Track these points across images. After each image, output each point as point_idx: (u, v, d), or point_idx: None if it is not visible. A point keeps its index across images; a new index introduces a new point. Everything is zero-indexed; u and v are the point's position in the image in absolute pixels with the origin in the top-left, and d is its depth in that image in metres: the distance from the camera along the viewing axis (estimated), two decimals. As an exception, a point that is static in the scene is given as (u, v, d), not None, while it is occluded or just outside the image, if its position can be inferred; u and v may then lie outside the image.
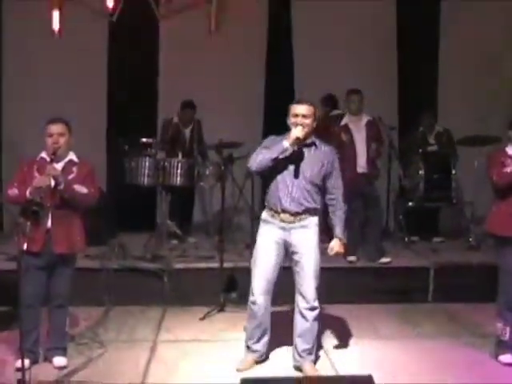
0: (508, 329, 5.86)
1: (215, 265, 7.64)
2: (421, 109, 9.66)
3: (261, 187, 7.83)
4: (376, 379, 4.31)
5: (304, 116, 5.57)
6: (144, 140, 8.26)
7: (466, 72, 10.04)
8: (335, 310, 7.36)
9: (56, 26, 8.72)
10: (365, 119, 8.29)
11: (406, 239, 9.05)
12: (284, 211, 5.62)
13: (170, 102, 9.58)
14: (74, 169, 5.64)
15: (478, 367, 5.88)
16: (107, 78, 9.87)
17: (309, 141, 5.66)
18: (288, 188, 5.58)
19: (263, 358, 5.94)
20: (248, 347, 5.92)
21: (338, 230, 5.80)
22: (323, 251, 5.82)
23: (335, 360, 6.02)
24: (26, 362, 5.01)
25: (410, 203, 9.18)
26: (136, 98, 9.63)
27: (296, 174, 5.59)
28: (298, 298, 5.73)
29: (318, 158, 5.65)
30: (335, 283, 7.73)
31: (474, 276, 7.82)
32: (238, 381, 4.22)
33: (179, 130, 9.24)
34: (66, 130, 5.60)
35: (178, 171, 8.15)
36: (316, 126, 5.70)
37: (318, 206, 5.72)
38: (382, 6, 10.24)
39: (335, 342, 6.52)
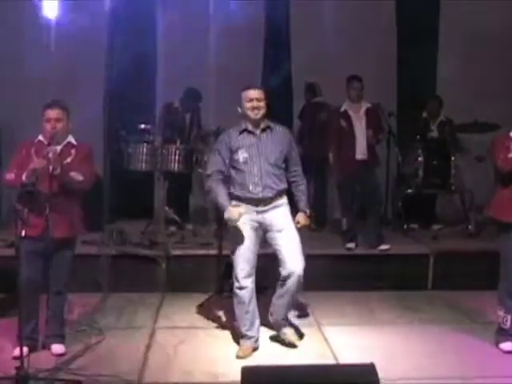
0: (509, 317, 5.82)
1: (213, 251, 7.60)
2: (420, 95, 9.63)
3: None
4: (377, 367, 4.28)
5: (258, 99, 5.78)
6: (142, 126, 8.21)
7: (465, 58, 9.97)
8: (334, 297, 7.39)
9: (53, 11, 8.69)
10: (364, 106, 8.26)
11: (405, 226, 9.03)
12: (257, 199, 5.77)
13: (168, 88, 9.52)
14: (73, 151, 5.62)
15: (478, 354, 5.85)
16: (105, 63, 9.78)
17: (263, 125, 5.86)
18: (256, 176, 5.75)
19: (258, 345, 5.96)
20: (243, 335, 5.93)
21: (302, 203, 5.96)
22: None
23: (335, 348, 5.99)
24: (25, 349, 4.98)
25: (409, 190, 9.16)
26: (134, 84, 9.56)
27: (261, 161, 5.76)
28: (283, 271, 5.77)
29: (276, 140, 5.85)
30: (334, 270, 7.77)
31: (473, 263, 7.80)
32: (237, 366, 4.20)
33: (180, 115, 9.18)
34: (63, 114, 5.56)
35: (176, 157, 8.14)
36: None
37: (286, 186, 5.92)
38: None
39: (335, 329, 6.50)
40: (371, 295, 7.53)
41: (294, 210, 5.96)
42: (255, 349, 5.91)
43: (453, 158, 8.96)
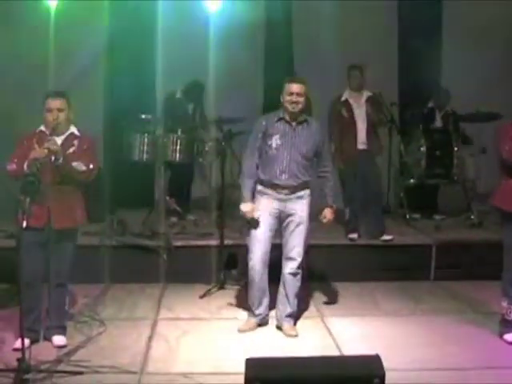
0: (513, 308, 5.80)
1: (215, 242, 7.60)
2: (422, 85, 9.59)
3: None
4: (381, 357, 4.26)
5: (298, 94, 5.94)
6: (143, 116, 8.17)
7: (468, 48, 9.91)
8: (337, 287, 7.38)
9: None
10: (365, 95, 8.24)
11: (407, 216, 8.99)
12: (282, 186, 5.98)
13: (168, 78, 9.47)
14: (75, 142, 5.58)
15: (482, 345, 5.83)
16: (105, 52, 9.76)
17: (302, 118, 6.04)
18: (284, 163, 5.95)
19: (265, 321, 6.23)
20: (251, 312, 6.19)
21: (330, 199, 6.18)
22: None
23: (339, 339, 5.96)
24: (26, 341, 4.97)
25: (411, 180, 9.13)
26: (134, 74, 9.51)
27: (292, 150, 5.95)
28: (285, 263, 6.07)
29: (310, 134, 6.03)
30: (337, 261, 7.75)
31: (476, 253, 7.80)
32: (241, 358, 4.16)
33: (182, 106, 9.13)
34: (65, 104, 5.51)
35: (177, 147, 8.11)
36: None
37: (311, 179, 6.15)
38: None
39: (338, 320, 6.48)
40: (374, 286, 7.51)
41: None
42: (262, 324, 6.19)
43: (455, 149, 8.92)
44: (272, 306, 6.25)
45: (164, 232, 7.96)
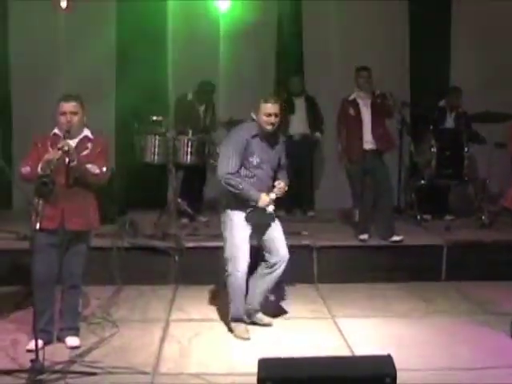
0: (525, 308, 5.80)
1: (226, 243, 7.59)
2: (433, 85, 9.60)
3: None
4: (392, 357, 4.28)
5: (275, 114, 5.97)
6: (154, 118, 8.19)
7: (478, 47, 9.93)
8: (348, 289, 7.38)
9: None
10: (374, 94, 8.23)
11: (418, 217, 8.99)
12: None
13: (179, 80, 9.52)
14: (89, 145, 5.62)
15: (493, 345, 5.82)
16: (116, 55, 9.81)
17: (274, 135, 6.14)
18: (263, 180, 6.04)
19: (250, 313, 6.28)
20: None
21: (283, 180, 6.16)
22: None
23: (350, 340, 5.96)
24: (40, 342, 5.02)
25: (422, 181, 9.13)
26: (146, 76, 9.55)
27: (267, 166, 6.07)
28: (273, 258, 6.14)
29: (278, 149, 6.19)
30: (348, 262, 7.75)
31: (487, 254, 7.77)
32: (254, 358, 4.19)
33: (194, 108, 9.16)
34: (79, 107, 5.54)
35: (189, 149, 8.16)
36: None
37: None
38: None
39: (349, 321, 6.48)
40: (385, 287, 7.52)
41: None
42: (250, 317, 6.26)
43: (466, 149, 8.92)
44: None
45: (175, 233, 7.97)
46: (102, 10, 9.58)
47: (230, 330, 6.15)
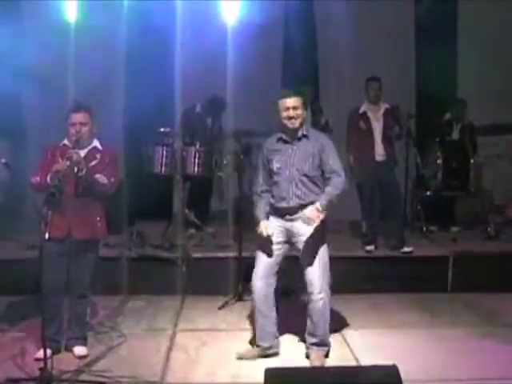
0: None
1: (233, 254, 7.64)
2: (439, 97, 9.63)
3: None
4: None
5: (294, 108, 5.63)
6: (161, 129, 8.24)
7: (485, 59, 9.94)
8: (354, 300, 7.36)
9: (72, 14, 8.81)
10: (383, 107, 8.28)
11: (424, 228, 9.01)
12: (285, 209, 5.69)
13: (187, 91, 9.54)
14: (98, 155, 5.68)
15: (499, 356, 5.83)
16: (125, 65, 9.85)
17: (300, 133, 5.72)
18: (286, 186, 5.65)
19: (270, 354, 5.84)
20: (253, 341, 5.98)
21: (322, 197, 5.60)
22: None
23: (356, 350, 6.00)
24: (48, 351, 5.03)
25: (428, 192, 9.16)
26: (154, 87, 9.59)
27: (292, 171, 5.65)
28: (307, 288, 5.74)
29: (309, 150, 5.67)
30: (354, 273, 7.75)
31: (493, 265, 7.80)
32: (260, 368, 4.22)
33: (201, 119, 9.21)
34: (88, 118, 5.61)
35: (196, 160, 8.20)
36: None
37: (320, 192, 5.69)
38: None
39: (356, 332, 6.51)
40: (391, 298, 7.53)
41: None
42: (265, 356, 5.80)
43: (472, 161, 8.95)
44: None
45: (182, 244, 8.01)
46: (112, 21, 9.62)
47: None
